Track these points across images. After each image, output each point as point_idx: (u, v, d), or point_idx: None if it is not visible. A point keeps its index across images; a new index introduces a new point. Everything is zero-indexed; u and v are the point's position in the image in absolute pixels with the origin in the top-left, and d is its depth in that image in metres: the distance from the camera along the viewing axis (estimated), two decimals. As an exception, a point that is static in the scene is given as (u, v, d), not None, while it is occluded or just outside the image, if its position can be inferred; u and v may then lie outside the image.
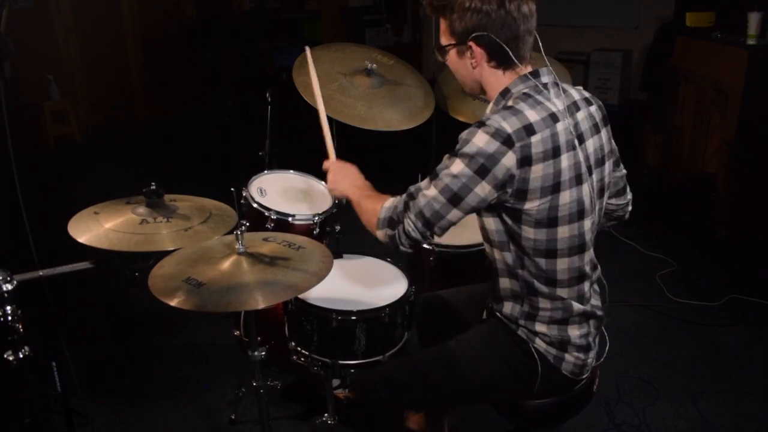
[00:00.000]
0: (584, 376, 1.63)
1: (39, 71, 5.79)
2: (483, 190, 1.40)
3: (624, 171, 1.71)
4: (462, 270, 2.24)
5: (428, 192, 1.45)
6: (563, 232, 1.47)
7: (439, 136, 3.66)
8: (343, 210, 2.31)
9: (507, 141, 1.37)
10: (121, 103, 6.76)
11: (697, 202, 3.92)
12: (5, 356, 1.40)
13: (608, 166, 1.58)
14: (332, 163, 1.83)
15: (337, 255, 2.17)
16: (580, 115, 1.50)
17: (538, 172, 1.40)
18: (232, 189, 2.15)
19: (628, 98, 6.82)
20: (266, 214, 2.11)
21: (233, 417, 2.36)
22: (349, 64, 2.33)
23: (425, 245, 2.18)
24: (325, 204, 2.28)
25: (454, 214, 1.45)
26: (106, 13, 6.43)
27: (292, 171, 2.43)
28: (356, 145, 3.08)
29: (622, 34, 6.81)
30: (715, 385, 2.57)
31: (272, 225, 2.10)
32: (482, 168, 1.38)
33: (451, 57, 1.54)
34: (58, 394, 2.10)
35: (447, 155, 1.47)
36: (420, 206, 1.46)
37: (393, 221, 1.51)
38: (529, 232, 1.46)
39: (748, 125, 3.66)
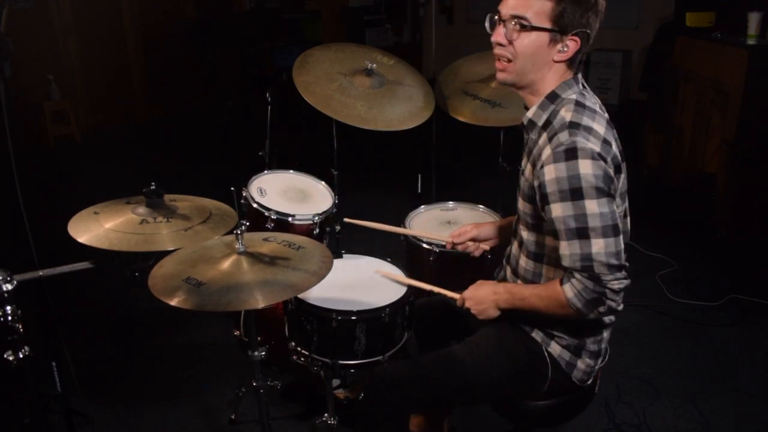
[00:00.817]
0: (589, 382, 1.63)
1: (39, 71, 5.79)
2: (617, 204, 1.43)
3: None
4: (462, 270, 2.23)
5: (598, 247, 1.37)
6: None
7: (439, 136, 3.66)
8: (343, 210, 2.31)
9: (602, 158, 1.38)
10: (121, 103, 6.76)
11: (697, 202, 3.93)
12: (5, 356, 1.40)
13: None
14: (463, 296, 1.68)
15: (337, 255, 2.17)
16: (606, 116, 1.52)
17: (621, 177, 1.45)
18: (232, 189, 2.15)
19: (628, 98, 6.82)
20: (266, 214, 2.11)
21: (233, 417, 2.36)
22: (349, 64, 2.33)
23: (425, 245, 2.18)
24: (325, 204, 2.28)
25: (622, 240, 1.41)
26: (106, 13, 6.43)
27: (292, 171, 2.43)
28: (356, 145, 3.07)
29: (622, 34, 6.80)
30: (715, 385, 2.57)
31: (272, 225, 2.10)
32: (608, 190, 1.38)
33: (533, 39, 1.44)
34: (58, 394, 2.10)
35: (558, 204, 1.38)
36: (608, 262, 1.37)
37: (597, 300, 1.39)
38: None
39: (748, 125, 3.66)
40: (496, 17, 1.49)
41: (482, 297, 1.61)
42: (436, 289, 1.82)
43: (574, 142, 1.37)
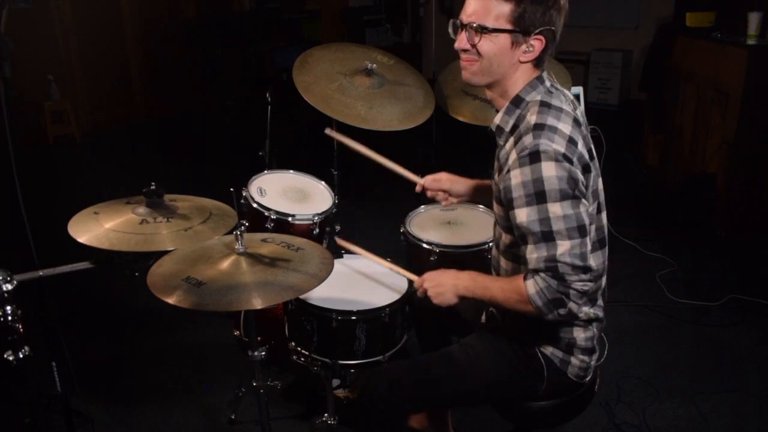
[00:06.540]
0: (587, 379, 1.63)
1: (39, 71, 5.79)
2: (585, 206, 1.39)
3: None
4: (462, 270, 2.23)
5: (563, 248, 1.36)
6: (593, 228, 1.48)
7: (439, 136, 3.66)
8: (342, 210, 2.31)
9: (567, 159, 1.36)
10: (121, 103, 6.76)
11: (697, 202, 3.92)
12: (5, 356, 1.40)
13: None
14: (423, 278, 1.66)
15: (337, 255, 2.17)
16: (578, 112, 1.51)
17: (590, 176, 1.43)
18: (232, 189, 2.15)
19: (628, 98, 6.83)
20: (266, 214, 2.11)
21: (233, 417, 2.36)
22: (349, 64, 2.34)
23: (425, 245, 2.18)
24: (324, 204, 2.28)
25: (587, 242, 1.39)
26: (106, 13, 6.43)
27: (292, 171, 2.43)
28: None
29: (622, 34, 6.81)
30: (715, 385, 2.57)
31: (272, 225, 2.10)
32: (574, 192, 1.36)
33: (495, 42, 1.43)
34: (58, 394, 2.09)
35: (523, 209, 1.38)
36: (572, 263, 1.36)
37: (558, 301, 1.38)
38: None
39: (748, 125, 3.66)
40: (459, 23, 1.49)
41: (443, 280, 1.61)
42: (395, 268, 1.83)
43: (537, 144, 1.36)
